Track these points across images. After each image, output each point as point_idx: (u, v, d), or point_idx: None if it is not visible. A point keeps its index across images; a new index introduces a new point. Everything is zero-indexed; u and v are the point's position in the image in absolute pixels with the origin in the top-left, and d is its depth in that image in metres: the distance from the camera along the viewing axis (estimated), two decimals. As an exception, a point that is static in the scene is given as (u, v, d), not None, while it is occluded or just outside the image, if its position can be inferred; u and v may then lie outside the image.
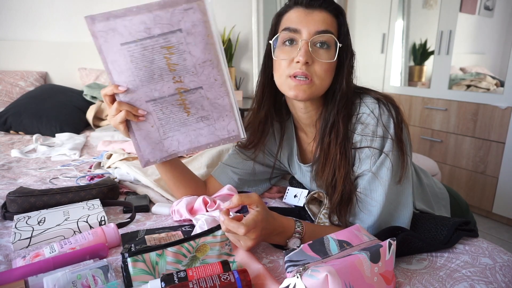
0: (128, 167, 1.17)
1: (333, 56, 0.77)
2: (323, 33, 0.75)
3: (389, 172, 0.75)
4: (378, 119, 0.77)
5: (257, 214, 0.66)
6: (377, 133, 0.76)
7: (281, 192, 1.06)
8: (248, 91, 3.30)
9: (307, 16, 0.76)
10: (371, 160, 0.76)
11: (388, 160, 0.75)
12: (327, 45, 0.76)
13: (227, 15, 3.01)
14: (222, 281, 0.54)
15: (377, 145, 0.76)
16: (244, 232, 0.63)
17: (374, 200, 0.76)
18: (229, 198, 0.91)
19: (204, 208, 0.86)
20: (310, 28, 0.76)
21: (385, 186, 0.75)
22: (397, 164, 0.76)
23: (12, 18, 2.33)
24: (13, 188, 1.06)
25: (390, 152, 0.75)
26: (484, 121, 2.34)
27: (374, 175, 0.76)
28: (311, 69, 0.76)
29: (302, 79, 0.76)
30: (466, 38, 2.61)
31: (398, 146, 0.76)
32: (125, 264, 0.60)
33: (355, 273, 0.52)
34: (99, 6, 2.53)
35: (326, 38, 0.76)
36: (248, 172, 0.99)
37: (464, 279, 0.63)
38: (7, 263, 0.69)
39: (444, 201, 0.99)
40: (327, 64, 0.76)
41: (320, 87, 0.78)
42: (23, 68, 2.37)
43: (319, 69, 0.76)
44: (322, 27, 0.76)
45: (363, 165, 0.78)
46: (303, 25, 0.76)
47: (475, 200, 2.44)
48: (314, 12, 0.77)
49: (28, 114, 1.84)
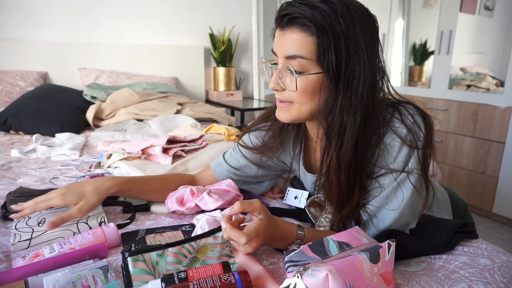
0: (128, 167, 1.17)
1: (304, 82, 0.69)
2: (290, 58, 0.68)
3: (410, 190, 0.71)
4: (404, 137, 0.71)
5: (259, 223, 0.65)
6: (402, 152, 0.72)
7: (282, 193, 1.06)
8: (248, 91, 3.30)
9: (281, 38, 0.70)
10: (394, 175, 0.72)
11: (411, 179, 0.71)
12: (298, 72, 0.68)
13: (227, 15, 3.01)
14: (223, 282, 0.54)
15: (401, 163, 0.72)
16: (245, 242, 0.63)
17: (387, 216, 0.73)
18: (226, 194, 0.91)
19: (191, 198, 0.88)
20: (281, 52, 0.70)
21: (402, 205, 0.72)
22: (419, 183, 0.73)
23: (12, 18, 2.33)
24: (13, 188, 1.06)
25: (414, 170, 0.71)
26: (484, 121, 2.34)
27: (394, 190, 0.72)
28: (285, 94, 0.73)
29: (281, 103, 0.74)
30: (466, 38, 2.61)
31: (423, 166, 0.72)
32: (125, 263, 0.60)
33: (355, 273, 0.52)
34: (99, 6, 2.53)
35: (294, 64, 0.68)
36: (248, 175, 0.98)
37: (463, 280, 0.63)
38: (7, 262, 0.69)
39: (445, 204, 0.99)
40: (298, 91, 0.70)
41: (302, 112, 0.73)
42: (23, 68, 2.37)
43: (292, 95, 0.71)
44: (289, 52, 0.68)
45: (384, 180, 0.73)
46: (277, 49, 0.71)
47: (475, 200, 2.44)
48: (285, 33, 0.68)
49: (28, 114, 1.84)
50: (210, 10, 2.94)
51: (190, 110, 2.17)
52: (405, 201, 0.72)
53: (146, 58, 2.73)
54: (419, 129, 0.72)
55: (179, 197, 0.90)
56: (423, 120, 0.73)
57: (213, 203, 0.87)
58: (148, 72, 2.74)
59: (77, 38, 2.53)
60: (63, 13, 2.45)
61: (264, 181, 1.03)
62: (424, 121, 0.73)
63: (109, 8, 2.57)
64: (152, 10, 2.74)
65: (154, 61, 2.77)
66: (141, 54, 2.72)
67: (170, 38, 2.85)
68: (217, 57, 2.93)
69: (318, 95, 0.70)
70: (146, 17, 2.73)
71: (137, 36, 2.73)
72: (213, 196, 0.88)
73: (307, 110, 0.73)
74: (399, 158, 0.72)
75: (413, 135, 0.71)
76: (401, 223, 0.74)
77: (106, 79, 2.51)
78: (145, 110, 2.06)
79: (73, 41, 2.51)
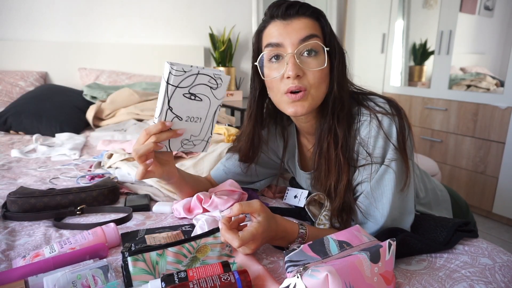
0: (129, 168, 1.16)
1: (323, 62, 0.73)
2: (307, 39, 0.72)
3: (393, 180, 0.73)
4: (378, 127, 0.74)
5: (257, 227, 0.64)
6: (378, 142, 0.73)
7: (282, 193, 1.06)
8: (248, 91, 3.29)
9: (287, 27, 0.73)
10: (374, 168, 0.74)
11: (391, 169, 0.73)
12: (314, 51, 0.73)
13: (227, 15, 3.01)
14: (223, 281, 0.54)
15: (379, 153, 0.74)
16: (238, 245, 0.63)
17: (379, 209, 0.74)
18: (231, 193, 0.92)
19: (200, 205, 0.88)
20: (292, 39, 0.72)
21: (389, 195, 0.73)
22: (401, 171, 0.74)
23: (12, 18, 2.33)
24: (13, 188, 1.06)
25: (393, 161, 0.73)
26: (484, 121, 2.34)
27: (377, 183, 0.74)
28: (304, 81, 0.73)
29: (297, 93, 0.73)
30: (466, 38, 2.61)
31: (401, 153, 0.73)
32: (125, 263, 0.60)
33: (355, 273, 0.52)
34: (99, 6, 2.53)
35: (312, 45, 0.72)
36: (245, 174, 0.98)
37: (464, 279, 0.63)
38: (7, 262, 0.69)
39: (445, 204, 0.99)
40: (319, 72, 0.73)
41: (317, 97, 0.75)
42: (23, 68, 2.37)
43: (313, 79, 0.73)
44: (304, 34, 0.72)
45: (366, 172, 0.75)
46: (285, 37, 0.73)
47: (475, 200, 2.44)
48: (293, 21, 0.73)
49: (28, 114, 1.84)
50: (210, 10, 2.94)
51: (190, 110, 2.16)
52: (391, 191, 0.73)
53: (146, 58, 2.73)
54: (390, 127, 0.74)
55: (186, 205, 0.89)
56: (388, 102, 0.77)
57: (223, 204, 0.87)
58: (148, 72, 2.74)
59: (77, 38, 2.53)
60: (63, 13, 2.45)
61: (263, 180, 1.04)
62: (388, 103, 0.77)
63: (109, 8, 2.57)
64: (152, 10, 2.74)
65: (154, 61, 2.76)
66: (141, 54, 2.72)
67: (170, 38, 2.85)
68: (217, 57, 2.93)
69: (328, 76, 0.76)
70: (146, 17, 2.73)
71: (137, 36, 2.73)
72: (222, 198, 0.88)
73: (321, 94, 0.76)
74: (376, 148, 0.74)
75: (384, 134, 0.74)
76: (392, 219, 0.75)
77: (106, 79, 2.51)
78: (145, 110, 2.06)
79: (73, 41, 2.51)
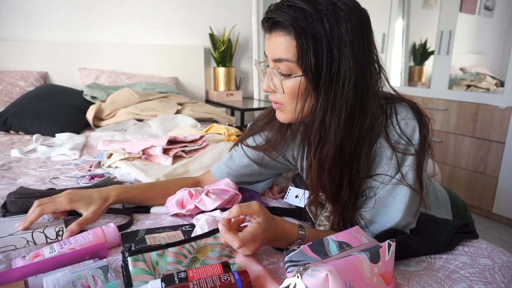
0: (129, 167, 1.17)
1: (295, 84, 0.69)
2: (277, 61, 0.70)
3: (407, 195, 0.71)
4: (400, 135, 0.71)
5: (256, 228, 0.64)
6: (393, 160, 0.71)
7: (283, 192, 1.06)
8: (248, 91, 3.30)
9: (268, 41, 0.71)
10: (390, 171, 0.72)
11: (405, 183, 0.71)
12: (282, 74, 0.70)
13: (227, 15, 3.01)
14: (223, 282, 0.54)
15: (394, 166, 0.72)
16: (238, 247, 0.63)
17: (390, 214, 0.73)
18: (224, 193, 0.91)
19: (191, 200, 0.88)
20: (270, 55, 0.71)
21: (401, 205, 0.72)
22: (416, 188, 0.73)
23: (12, 18, 2.33)
24: (13, 188, 1.06)
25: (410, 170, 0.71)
26: (484, 121, 2.34)
27: (392, 190, 0.72)
28: (277, 95, 0.74)
29: (275, 104, 0.75)
30: (466, 38, 2.61)
31: (419, 162, 0.72)
32: (125, 263, 0.60)
33: (355, 273, 0.52)
34: (99, 6, 2.53)
35: (280, 67, 0.70)
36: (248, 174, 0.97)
37: (463, 280, 0.63)
38: (7, 262, 0.69)
39: (444, 204, 0.99)
40: (288, 92, 0.71)
41: (296, 110, 0.72)
42: (23, 68, 2.36)
43: (281, 97, 0.73)
44: (276, 55, 0.69)
45: (376, 183, 0.73)
46: (267, 51, 0.72)
47: (475, 200, 2.44)
48: (272, 37, 0.70)
49: (28, 114, 1.84)
50: (210, 10, 2.94)
51: (190, 110, 2.17)
52: (403, 204, 0.71)
53: (146, 58, 2.73)
54: (412, 134, 0.71)
55: (179, 200, 0.90)
56: (418, 122, 0.72)
57: (211, 203, 0.87)
58: (148, 72, 2.74)
59: (77, 38, 2.53)
60: (63, 13, 2.45)
61: (264, 180, 1.03)
62: (419, 124, 0.72)
63: (109, 8, 2.57)
64: (152, 10, 2.74)
65: (154, 61, 2.76)
66: (141, 54, 2.72)
67: (170, 38, 2.85)
68: (217, 57, 2.93)
69: (312, 97, 0.70)
70: (146, 17, 2.73)
71: (137, 36, 2.73)
72: (211, 196, 0.88)
73: (299, 107, 0.72)
74: (392, 162, 0.72)
75: (406, 141, 0.71)
76: (401, 226, 0.74)
77: (106, 79, 2.51)
78: (145, 110, 2.07)
79: (73, 41, 2.51)
